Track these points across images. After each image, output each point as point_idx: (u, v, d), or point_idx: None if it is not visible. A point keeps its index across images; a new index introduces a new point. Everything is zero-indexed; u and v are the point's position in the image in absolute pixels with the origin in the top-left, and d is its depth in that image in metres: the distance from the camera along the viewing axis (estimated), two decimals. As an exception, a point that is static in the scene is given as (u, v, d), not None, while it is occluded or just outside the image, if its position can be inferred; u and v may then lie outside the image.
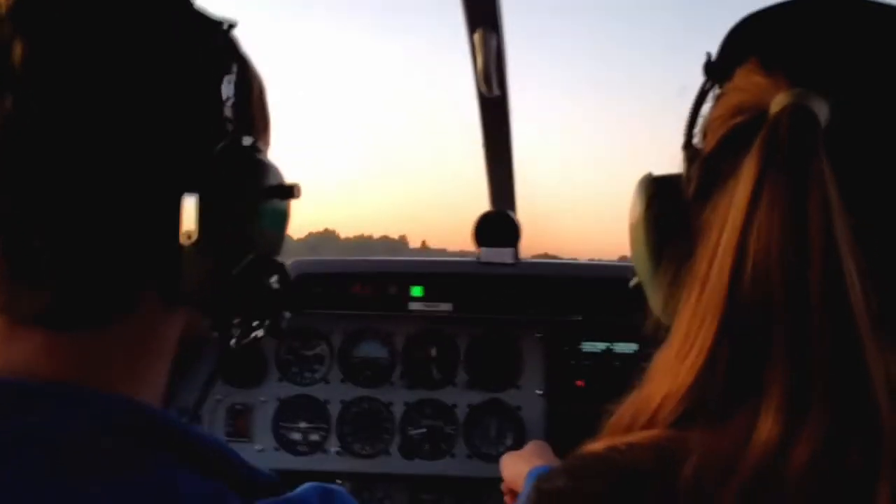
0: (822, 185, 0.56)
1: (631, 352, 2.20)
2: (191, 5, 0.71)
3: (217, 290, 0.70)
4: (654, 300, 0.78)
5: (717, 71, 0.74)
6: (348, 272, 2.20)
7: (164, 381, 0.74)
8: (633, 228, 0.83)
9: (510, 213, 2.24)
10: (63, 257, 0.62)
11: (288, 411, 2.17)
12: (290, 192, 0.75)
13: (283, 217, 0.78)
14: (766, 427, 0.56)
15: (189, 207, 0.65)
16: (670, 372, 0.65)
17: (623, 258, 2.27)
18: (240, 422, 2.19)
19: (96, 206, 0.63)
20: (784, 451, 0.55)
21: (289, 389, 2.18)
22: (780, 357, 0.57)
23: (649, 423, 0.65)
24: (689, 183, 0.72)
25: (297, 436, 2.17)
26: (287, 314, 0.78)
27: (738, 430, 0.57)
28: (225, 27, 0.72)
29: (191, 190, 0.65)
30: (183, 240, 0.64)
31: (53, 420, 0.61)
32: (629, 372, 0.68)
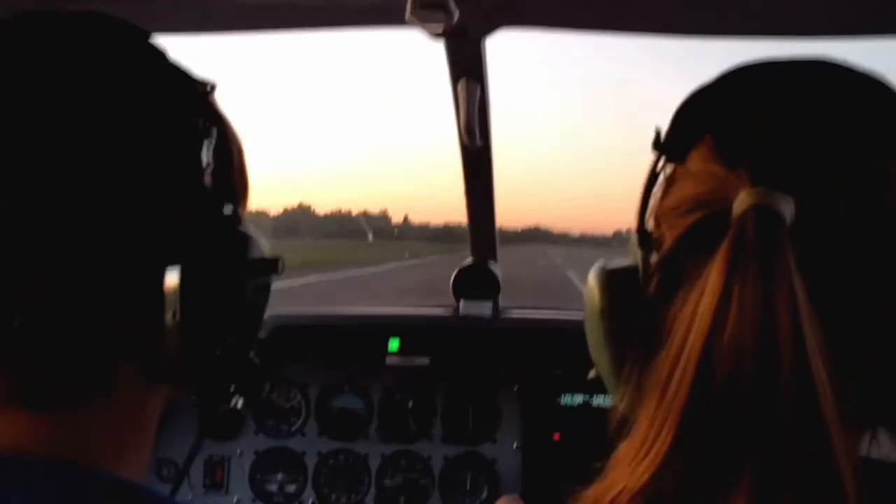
0: (791, 287, 0.57)
1: (609, 405, 2.20)
2: (169, 67, 0.69)
3: (199, 367, 0.69)
4: (615, 395, 0.77)
5: (668, 149, 0.72)
6: (324, 325, 2.21)
7: (149, 454, 0.74)
8: (589, 322, 0.81)
9: (491, 264, 2.24)
10: (42, 338, 0.61)
11: (265, 463, 2.17)
12: (274, 266, 0.74)
13: (265, 291, 0.77)
14: None
15: (170, 283, 0.63)
16: (629, 466, 0.64)
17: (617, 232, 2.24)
18: (217, 474, 2.19)
19: (74, 285, 0.62)
20: None
21: (265, 442, 2.19)
22: (750, 459, 0.57)
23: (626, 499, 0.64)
24: (650, 279, 0.71)
25: (273, 487, 2.17)
26: (268, 385, 0.79)
27: None
28: (204, 89, 0.70)
29: (171, 265, 0.64)
30: (165, 318, 0.64)
31: (36, 497, 0.60)
32: (607, 425, 0.68)
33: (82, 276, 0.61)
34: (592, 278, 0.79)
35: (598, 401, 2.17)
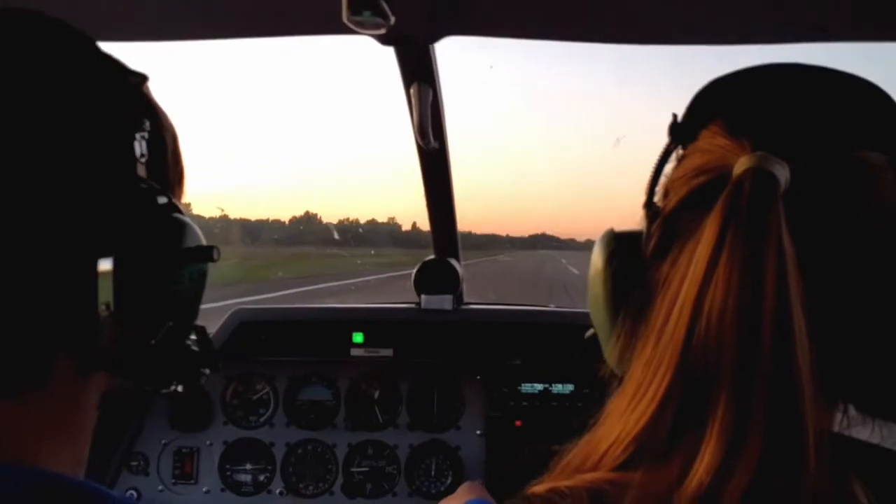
0: (780, 245, 0.60)
1: (567, 392, 2.26)
2: (100, 58, 0.69)
3: (135, 356, 0.69)
4: (609, 350, 0.80)
5: (681, 132, 0.76)
6: (290, 320, 2.25)
7: (87, 444, 0.73)
8: (592, 281, 0.85)
9: (452, 260, 2.29)
10: None
11: (234, 454, 2.22)
12: (209, 254, 0.74)
13: (201, 279, 0.76)
14: (704, 463, 0.59)
15: (104, 274, 0.63)
16: (621, 418, 0.68)
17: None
18: (186, 465, 2.23)
19: (4, 276, 0.61)
20: (718, 485, 0.58)
21: (234, 433, 2.23)
22: (724, 399, 0.60)
23: (596, 466, 0.68)
24: (650, 240, 0.75)
25: (242, 477, 2.22)
26: (206, 371, 0.78)
27: (675, 469, 0.61)
28: (137, 79, 0.70)
29: (105, 255, 0.63)
30: (99, 308, 0.63)
31: None
32: (566, 411, 0.72)
33: (12, 267, 0.61)
34: (598, 241, 0.84)
35: (557, 388, 2.23)
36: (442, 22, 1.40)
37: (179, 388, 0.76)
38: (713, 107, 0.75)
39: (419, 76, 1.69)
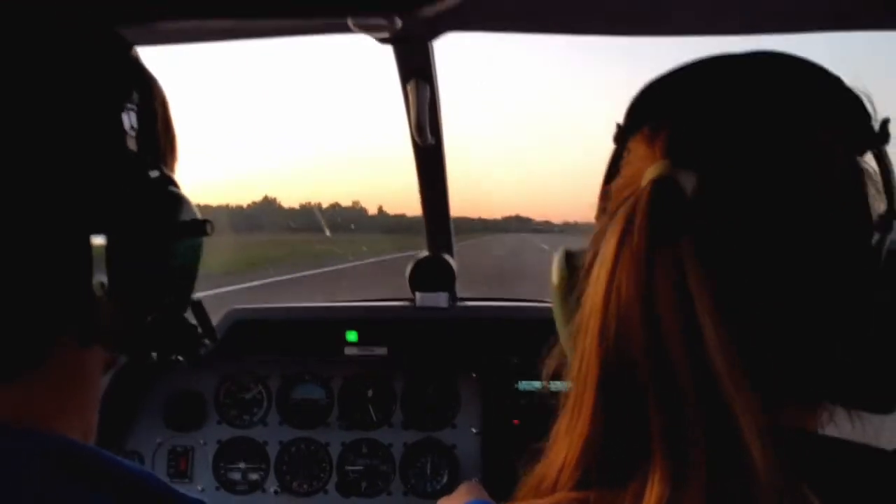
0: (677, 253, 0.59)
1: (566, 389, 2.24)
2: (86, 26, 0.68)
3: (132, 330, 0.69)
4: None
5: (620, 140, 0.75)
6: (284, 318, 2.24)
7: (94, 416, 0.73)
8: (551, 298, 0.85)
9: (446, 257, 2.28)
10: None
11: (227, 453, 2.21)
12: (203, 227, 0.73)
13: (196, 252, 0.76)
14: (654, 493, 0.58)
15: (98, 250, 0.63)
16: (565, 439, 0.67)
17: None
18: (181, 463, 2.22)
19: None
20: None
21: (228, 432, 2.22)
22: (656, 422, 0.58)
23: (554, 487, 0.68)
24: (587, 255, 0.74)
25: (236, 476, 2.20)
26: (207, 342, 0.78)
27: (633, 496, 0.59)
28: (124, 46, 0.68)
29: (97, 232, 0.63)
30: (95, 286, 0.63)
31: None
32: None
33: (6, 246, 0.60)
34: (553, 259, 0.83)
35: (556, 386, 2.22)
36: (443, 18, 1.38)
37: (180, 358, 0.76)
38: (640, 112, 0.74)
39: (417, 73, 1.68)
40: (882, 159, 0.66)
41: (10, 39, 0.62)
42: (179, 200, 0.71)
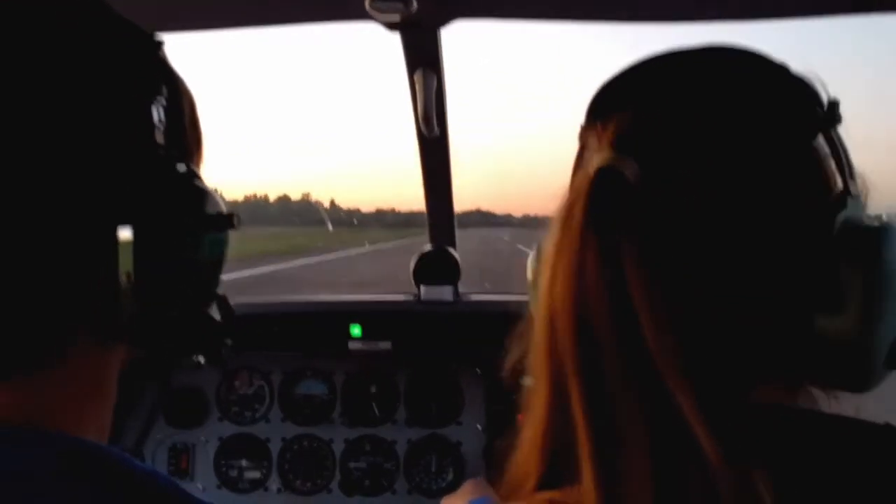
0: (614, 241, 0.60)
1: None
2: (116, 22, 0.67)
3: (156, 327, 0.68)
4: None
5: (581, 138, 0.77)
6: (286, 313, 2.20)
7: (109, 416, 0.72)
8: (529, 295, 0.86)
9: (450, 250, 2.25)
10: None
11: (229, 450, 2.18)
12: (229, 221, 0.73)
13: (222, 247, 0.75)
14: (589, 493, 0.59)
15: (124, 244, 0.62)
16: (528, 435, 0.68)
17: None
18: (181, 461, 2.19)
19: (21, 248, 0.59)
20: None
21: (230, 428, 2.19)
22: (583, 415, 0.60)
23: (523, 486, 0.69)
24: None
25: (238, 474, 2.18)
26: (228, 342, 0.78)
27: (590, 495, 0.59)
28: (154, 44, 0.68)
29: (123, 223, 0.62)
30: (120, 278, 0.62)
31: None
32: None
33: (30, 239, 0.59)
34: (529, 257, 0.84)
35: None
36: (453, 4, 1.36)
37: (201, 360, 0.76)
38: (597, 108, 0.76)
39: (425, 62, 1.65)
40: (831, 141, 0.67)
41: (44, 33, 0.62)
42: (206, 194, 0.70)
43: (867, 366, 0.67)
